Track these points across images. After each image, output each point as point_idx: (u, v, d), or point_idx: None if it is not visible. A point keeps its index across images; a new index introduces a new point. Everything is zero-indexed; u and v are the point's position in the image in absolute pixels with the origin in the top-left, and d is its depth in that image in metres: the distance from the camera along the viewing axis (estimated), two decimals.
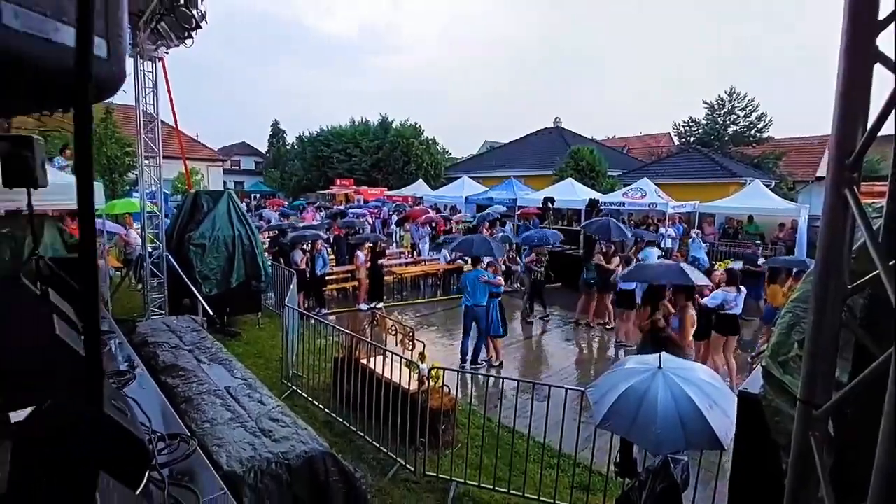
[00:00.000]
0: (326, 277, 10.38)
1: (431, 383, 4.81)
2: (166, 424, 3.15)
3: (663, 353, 3.55)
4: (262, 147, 47.75)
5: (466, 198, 20.27)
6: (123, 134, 14.72)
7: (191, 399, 3.79)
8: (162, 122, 7.61)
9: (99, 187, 6.75)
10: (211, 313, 7.63)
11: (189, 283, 7.59)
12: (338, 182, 28.71)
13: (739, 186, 17.87)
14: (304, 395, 5.97)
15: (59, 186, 5.83)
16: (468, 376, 6.72)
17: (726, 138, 27.11)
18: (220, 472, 2.91)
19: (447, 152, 36.04)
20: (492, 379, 5.59)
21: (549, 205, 16.23)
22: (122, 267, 10.21)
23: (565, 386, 4.26)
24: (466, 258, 12.48)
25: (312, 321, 6.59)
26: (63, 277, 5.52)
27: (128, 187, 13.87)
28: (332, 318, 8.95)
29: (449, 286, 12.26)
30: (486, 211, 17.02)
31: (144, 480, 2.47)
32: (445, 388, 4.99)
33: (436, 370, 4.84)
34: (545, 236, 11.14)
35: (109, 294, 7.90)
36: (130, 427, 2.54)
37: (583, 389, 3.98)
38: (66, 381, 2.71)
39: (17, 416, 2.94)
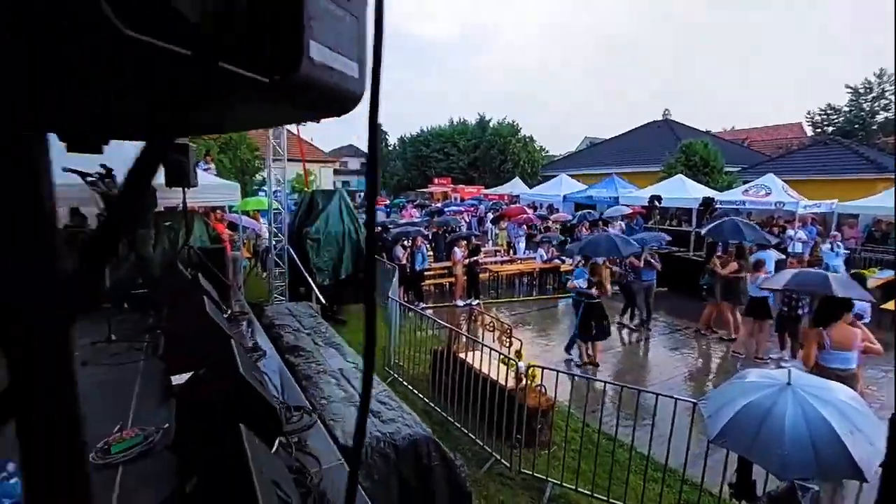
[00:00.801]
0: (425, 273, 10.79)
1: (528, 381, 4.82)
2: (291, 397, 3.55)
3: (793, 369, 3.20)
4: None
5: (564, 196, 19.73)
6: (252, 140, 16.62)
7: (310, 377, 4.21)
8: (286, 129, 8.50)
9: (237, 187, 7.70)
10: (323, 301, 8.35)
11: (305, 274, 8.38)
12: (435, 181, 29.58)
13: (890, 183, 15.19)
14: (405, 383, 6.30)
15: (204, 187, 6.81)
16: (567, 378, 6.60)
17: (874, 127, 23.22)
18: (336, 444, 3.21)
19: (544, 150, 35.37)
20: (594, 383, 5.43)
21: (656, 203, 15.20)
22: (251, 257, 11.56)
23: (675, 396, 4.02)
24: (563, 258, 12.21)
25: (412, 314, 6.93)
26: (207, 264, 6.39)
27: (255, 187, 15.69)
28: (430, 312, 9.30)
29: (544, 286, 12.08)
30: (609, 211, 15.84)
31: (276, 444, 2.81)
32: (542, 388, 4.96)
33: (532, 368, 4.84)
34: (657, 237, 10.48)
35: (242, 280, 9.00)
36: (265, 394, 2.90)
37: (694, 401, 3.73)
38: (215, 351, 3.16)
39: (178, 380, 3.50)
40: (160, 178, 6.02)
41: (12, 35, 0.26)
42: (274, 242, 8.54)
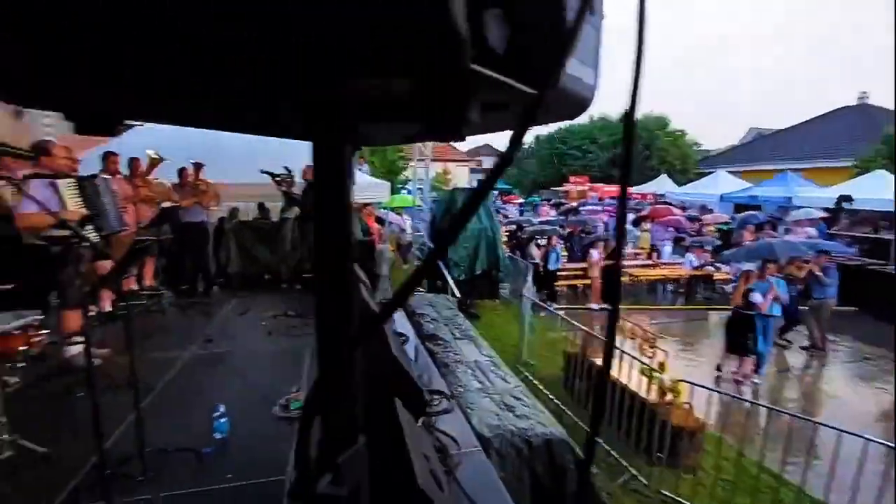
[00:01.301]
0: (558, 273, 10.57)
1: (673, 397, 4.45)
2: (432, 382, 3.81)
3: None
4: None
5: (722, 195, 17.55)
6: None
7: (448, 366, 4.46)
8: None
9: (387, 185, 8.43)
10: (458, 295, 8.72)
11: (443, 268, 8.83)
12: (571, 179, 28.62)
13: None
14: (535, 382, 6.28)
15: (360, 185, 7.61)
16: (717, 398, 5.92)
17: None
18: (473, 430, 3.36)
19: (697, 144, 31.82)
20: (757, 408, 4.79)
21: (845, 205, 12.67)
22: (395, 250, 12.59)
23: (866, 436, 3.36)
24: (718, 265, 10.91)
25: (544, 313, 6.86)
26: (361, 255, 7.09)
27: (399, 185, 16.99)
28: (562, 313, 9.09)
29: (693, 294, 10.93)
30: (799, 213, 13.23)
31: (419, 422, 3.05)
32: (688, 406, 4.54)
33: (678, 383, 4.45)
34: (835, 246, 8.79)
35: (387, 271, 9.85)
36: (413, 375, 3.16)
37: (893, 445, 3.08)
38: (368, 336, 3.53)
39: None
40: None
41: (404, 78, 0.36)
42: (415, 237, 9.17)
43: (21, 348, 2.33)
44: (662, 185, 22.32)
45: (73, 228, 2.60)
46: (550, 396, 5.88)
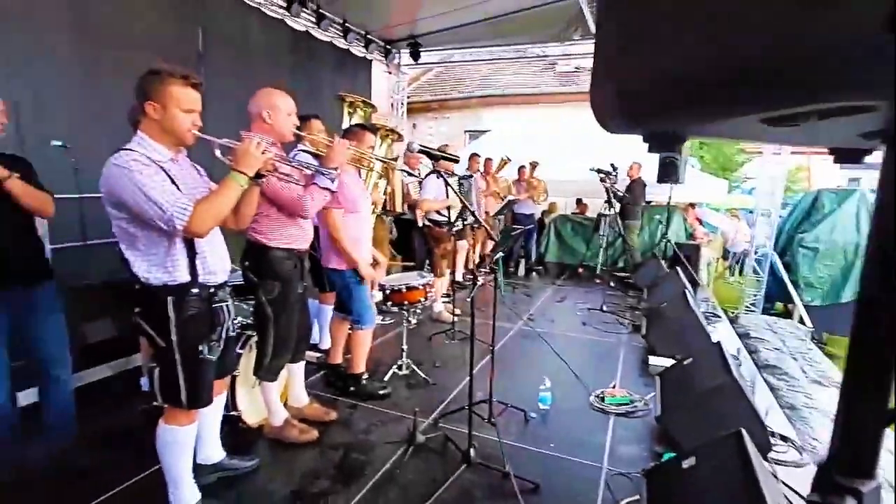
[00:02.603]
0: None
1: None
2: (773, 420, 3.15)
3: None
4: None
5: None
6: None
7: (795, 408, 3.61)
8: None
9: (723, 184, 7.38)
10: (809, 325, 6.89)
11: (790, 288, 7.13)
12: None
13: None
14: None
15: (689, 183, 6.87)
16: None
17: None
18: None
19: None
20: None
21: None
22: (720, 258, 10.94)
23: None
24: None
25: None
26: (682, 259, 6.46)
27: (736, 183, 14.49)
28: None
29: None
30: None
31: (770, 468, 2.56)
32: None
33: None
34: None
35: (707, 280, 8.68)
36: (754, 404, 2.66)
37: None
38: (699, 346, 3.14)
39: (656, 360, 3.73)
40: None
41: None
42: (754, 246, 7.70)
43: (421, 299, 3.19)
44: None
45: (468, 214, 3.32)
46: None
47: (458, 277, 5.49)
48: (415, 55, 7.96)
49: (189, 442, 1.89)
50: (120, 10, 4.28)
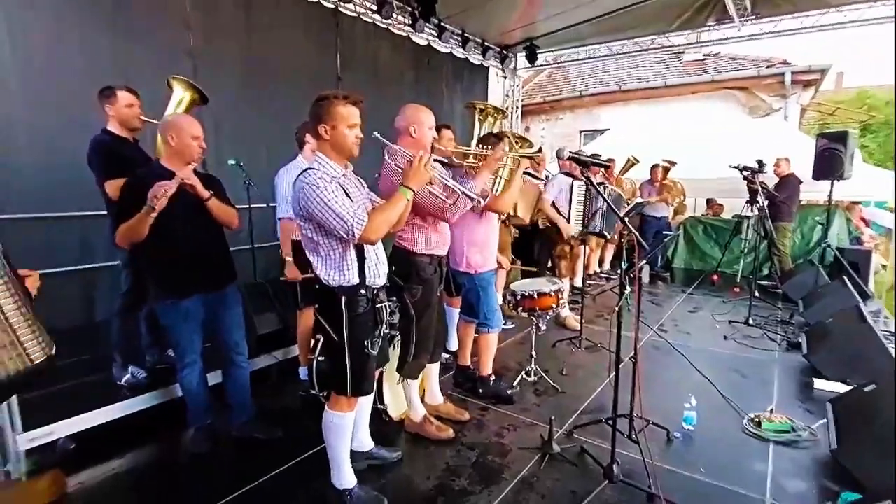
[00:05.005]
0: None
1: None
2: None
3: None
4: None
5: None
6: None
7: None
8: None
9: (890, 175, 6.20)
10: None
11: None
12: None
13: None
14: None
15: (855, 178, 5.81)
16: None
17: None
18: None
19: None
20: None
21: None
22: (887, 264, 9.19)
23: None
24: None
25: None
26: (845, 266, 5.59)
27: None
28: None
29: None
30: None
31: None
32: None
33: None
34: None
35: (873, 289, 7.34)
36: None
37: None
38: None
39: (824, 385, 3.26)
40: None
41: None
42: None
43: (552, 305, 3.14)
44: None
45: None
46: None
47: (578, 283, 5.33)
48: (531, 58, 7.92)
49: (349, 427, 2.08)
50: (277, 49, 4.92)
